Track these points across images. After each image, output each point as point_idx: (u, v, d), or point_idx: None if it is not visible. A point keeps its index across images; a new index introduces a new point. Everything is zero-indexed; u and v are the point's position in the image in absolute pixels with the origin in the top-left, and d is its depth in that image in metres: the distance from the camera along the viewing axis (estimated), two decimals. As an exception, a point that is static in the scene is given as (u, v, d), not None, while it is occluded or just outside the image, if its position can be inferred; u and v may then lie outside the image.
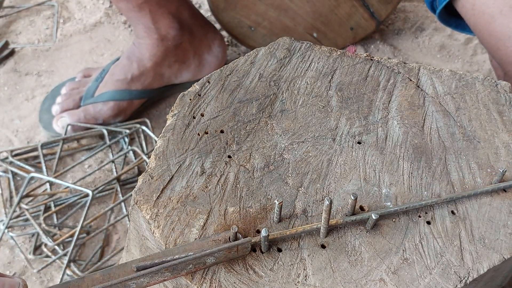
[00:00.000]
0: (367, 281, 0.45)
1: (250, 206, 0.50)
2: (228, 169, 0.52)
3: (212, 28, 1.19)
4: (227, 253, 0.45)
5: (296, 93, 0.60)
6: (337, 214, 0.49)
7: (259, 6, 1.18)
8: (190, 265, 0.44)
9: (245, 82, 0.60)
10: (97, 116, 1.10)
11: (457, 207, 0.50)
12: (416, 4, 1.44)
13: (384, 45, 1.33)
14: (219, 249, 0.44)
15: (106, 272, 0.43)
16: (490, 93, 0.59)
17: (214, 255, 0.44)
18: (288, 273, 0.45)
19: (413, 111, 0.58)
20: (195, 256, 0.43)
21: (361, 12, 1.23)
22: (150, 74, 1.12)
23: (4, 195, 1.02)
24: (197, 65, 1.17)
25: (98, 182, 1.05)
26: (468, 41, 1.34)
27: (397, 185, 0.51)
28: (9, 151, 1.06)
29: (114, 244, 0.97)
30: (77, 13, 1.43)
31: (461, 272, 0.45)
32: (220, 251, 0.44)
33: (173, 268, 0.43)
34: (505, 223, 0.49)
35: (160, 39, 1.10)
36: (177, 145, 0.54)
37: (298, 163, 0.53)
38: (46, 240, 0.92)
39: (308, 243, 0.47)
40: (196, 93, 0.59)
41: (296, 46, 0.65)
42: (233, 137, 0.55)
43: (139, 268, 0.43)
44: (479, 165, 0.53)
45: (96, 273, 0.43)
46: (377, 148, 0.54)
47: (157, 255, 0.44)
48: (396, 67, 0.62)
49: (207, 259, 0.44)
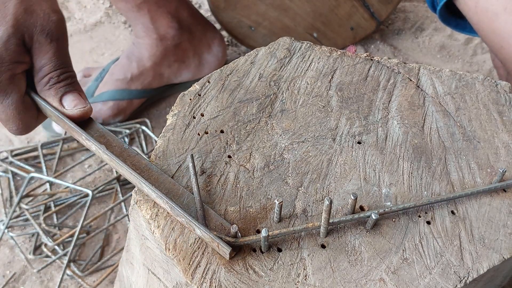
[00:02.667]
0: (367, 281, 0.45)
1: (250, 206, 0.50)
2: (228, 169, 0.52)
3: (211, 27, 1.19)
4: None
5: (296, 93, 0.60)
6: (337, 214, 0.49)
7: (259, 6, 1.18)
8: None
9: (245, 82, 0.60)
10: (96, 115, 1.10)
11: (457, 207, 0.50)
12: (416, 4, 1.44)
13: (384, 45, 1.33)
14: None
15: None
16: (490, 93, 0.59)
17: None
18: (288, 273, 0.45)
19: (413, 111, 0.58)
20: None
21: (361, 12, 1.23)
22: (149, 74, 1.12)
23: (4, 195, 1.02)
24: (196, 64, 1.17)
25: (98, 182, 1.05)
26: (468, 41, 1.34)
27: (397, 185, 0.51)
28: (9, 151, 1.06)
29: (114, 244, 0.97)
30: (77, 12, 1.43)
31: (461, 272, 0.45)
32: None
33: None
34: (505, 223, 0.49)
35: (159, 38, 1.10)
36: (177, 145, 0.54)
37: (298, 163, 0.53)
38: (46, 240, 0.92)
39: (308, 243, 0.47)
40: (196, 93, 0.59)
41: (296, 46, 0.65)
42: (233, 137, 0.55)
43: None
44: (479, 165, 0.53)
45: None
46: (377, 148, 0.54)
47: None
48: (396, 67, 0.62)
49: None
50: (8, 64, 0.53)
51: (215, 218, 0.48)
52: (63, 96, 0.55)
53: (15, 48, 0.53)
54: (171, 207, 0.47)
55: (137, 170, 0.51)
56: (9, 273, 0.93)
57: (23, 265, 0.94)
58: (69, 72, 0.55)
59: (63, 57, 0.55)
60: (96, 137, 0.54)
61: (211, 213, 0.48)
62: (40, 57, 0.54)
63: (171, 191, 0.49)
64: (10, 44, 0.53)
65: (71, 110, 0.54)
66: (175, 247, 0.46)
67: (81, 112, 0.55)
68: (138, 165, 0.51)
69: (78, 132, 0.53)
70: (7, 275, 0.92)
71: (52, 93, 0.54)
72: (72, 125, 0.54)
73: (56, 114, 0.54)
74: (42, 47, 0.54)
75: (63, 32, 0.56)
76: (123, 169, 0.50)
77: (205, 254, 0.46)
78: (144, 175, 0.50)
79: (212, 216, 0.48)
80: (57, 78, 0.54)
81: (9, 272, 0.93)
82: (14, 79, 0.54)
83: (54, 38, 0.54)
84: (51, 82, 0.54)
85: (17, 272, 0.93)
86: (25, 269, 0.93)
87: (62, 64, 0.55)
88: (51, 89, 0.54)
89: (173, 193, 0.49)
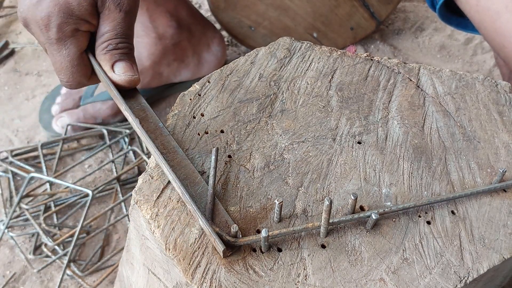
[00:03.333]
0: (367, 281, 0.45)
1: (250, 206, 0.50)
2: (228, 169, 0.52)
3: (211, 27, 1.19)
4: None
5: (296, 93, 0.60)
6: (337, 214, 0.49)
7: (259, 6, 1.18)
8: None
9: (245, 82, 0.60)
10: (96, 115, 1.10)
11: (457, 207, 0.50)
12: (416, 4, 1.44)
13: (384, 45, 1.33)
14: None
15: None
16: (490, 93, 0.59)
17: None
18: (288, 273, 0.45)
19: (413, 111, 0.58)
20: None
21: (361, 12, 1.23)
22: (148, 73, 1.12)
23: (4, 195, 1.02)
24: (196, 64, 1.17)
25: (98, 182, 1.05)
26: (468, 41, 1.34)
27: (397, 185, 0.51)
28: (9, 151, 1.06)
29: (114, 244, 0.97)
30: (77, 13, 1.43)
31: (461, 272, 0.45)
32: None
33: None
34: (505, 223, 0.49)
35: (158, 37, 1.09)
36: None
37: (298, 163, 0.53)
38: (46, 240, 0.92)
39: (308, 243, 0.47)
40: (196, 93, 0.59)
41: (296, 46, 0.65)
42: (233, 137, 0.55)
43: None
44: (479, 165, 0.53)
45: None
46: (377, 148, 0.54)
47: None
48: (396, 67, 0.62)
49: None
50: (76, 19, 0.55)
51: (222, 214, 0.48)
52: (116, 62, 0.57)
53: (87, 7, 0.55)
54: (182, 193, 0.48)
55: (164, 149, 0.52)
56: (9, 273, 0.93)
57: (23, 265, 0.94)
58: (128, 43, 0.58)
59: (127, 29, 0.58)
60: (135, 110, 0.55)
61: (219, 208, 0.48)
62: (106, 23, 0.57)
63: (189, 176, 0.50)
64: (84, 1, 0.55)
65: (119, 76, 0.56)
66: (175, 247, 0.46)
67: (128, 79, 0.56)
68: (167, 145, 0.53)
69: (119, 101, 0.55)
70: (7, 275, 0.92)
71: (108, 57, 0.57)
72: (116, 93, 0.55)
73: (105, 79, 0.56)
74: (111, 14, 0.57)
75: (134, 7, 0.58)
76: (150, 146, 0.51)
77: (205, 254, 0.46)
78: (168, 156, 0.51)
79: (220, 211, 0.48)
80: (115, 45, 0.57)
81: (9, 272, 0.93)
82: (77, 34, 0.57)
83: (124, 9, 0.57)
84: (109, 47, 0.57)
85: (17, 272, 0.93)
86: (25, 269, 0.93)
87: (124, 34, 0.57)
88: (106, 54, 0.57)
89: (191, 179, 0.50)
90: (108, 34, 0.57)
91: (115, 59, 0.57)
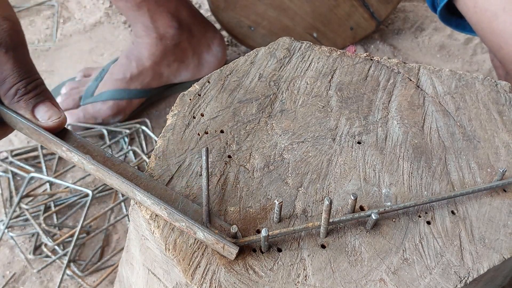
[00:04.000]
0: (367, 281, 0.45)
1: (250, 206, 0.50)
2: (228, 169, 0.52)
3: (211, 27, 1.19)
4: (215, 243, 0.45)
5: (296, 93, 0.60)
6: (337, 214, 0.49)
7: (258, 6, 1.18)
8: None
9: (245, 82, 0.60)
10: (96, 115, 1.10)
11: (457, 207, 0.50)
12: (416, 4, 1.44)
13: (384, 45, 1.33)
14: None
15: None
16: (490, 93, 0.59)
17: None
18: (288, 273, 0.45)
19: (413, 111, 0.58)
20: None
21: (361, 12, 1.23)
22: (149, 73, 1.12)
23: (4, 195, 1.02)
24: (196, 64, 1.17)
25: (98, 182, 1.05)
26: (468, 41, 1.34)
27: (397, 185, 0.51)
28: (9, 151, 1.06)
29: (114, 244, 0.97)
30: (77, 13, 1.43)
31: (461, 272, 0.45)
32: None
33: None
34: (505, 223, 0.49)
35: (159, 38, 1.10)
36: (177, 145, 0.54)
37: (298, 163, 0.53)
38: (46, 240, 0.92)
39: (308, 243, 0.47)
40: (196, 93, 0.59)
41: (296, 46, 0.65)
42: (233, 137, 0.55)
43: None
44: (479, 165, 0.53)
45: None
46: (377, 148, 0.54)
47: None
48: (396, 67, 0.62)
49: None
50: None
51: (215, 219, 0.47)
52: (35, 108, 0.52)
53: None
54: (169, 213, 0.46)
55: (126, 178, 0.49)
56: (9, 273, 0.93)
57: (23, 265, 0.94)
58: (35, 80, 0.52)
59: (26, 65, 0.52)
60: (76, 148, 0.51)
61: (211, 214, 0.48)
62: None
63: (163, 197, 0.48)
64: None
65: (46, 123, 0.51)
66: (175, 247, 0.46)
67: (57, 123, 0.52)
68: (125, 173, 0.50)
69: (57, 143, 0.50)
70: (7, 275, 0.92)
71: (23, 105, 0.51)
72: (50, 136, 0.50)
73: (29, 126, 0.51)
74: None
75: (20, 39, 0.52)
76: (112, 179, 0.48)
77: (205, 255, 0.46)
78: (136, 183, 0.49)
79: (212, 217, 0.48)
80: (24, 89, 0.51)
81: (9, 272, 0.93)
82: None
83: (10, 48, 0.50)
84: (18, 93, 0.51)
85: (17, 272, 0.93)
86: (25, 269, 0.93)
87: (26, 73, 0.51)
88: (20, 101, 0.51)
89: (166, 199, 0.48)
90: (9, 79, 0.51)
91: (33, 104, 0.51)
